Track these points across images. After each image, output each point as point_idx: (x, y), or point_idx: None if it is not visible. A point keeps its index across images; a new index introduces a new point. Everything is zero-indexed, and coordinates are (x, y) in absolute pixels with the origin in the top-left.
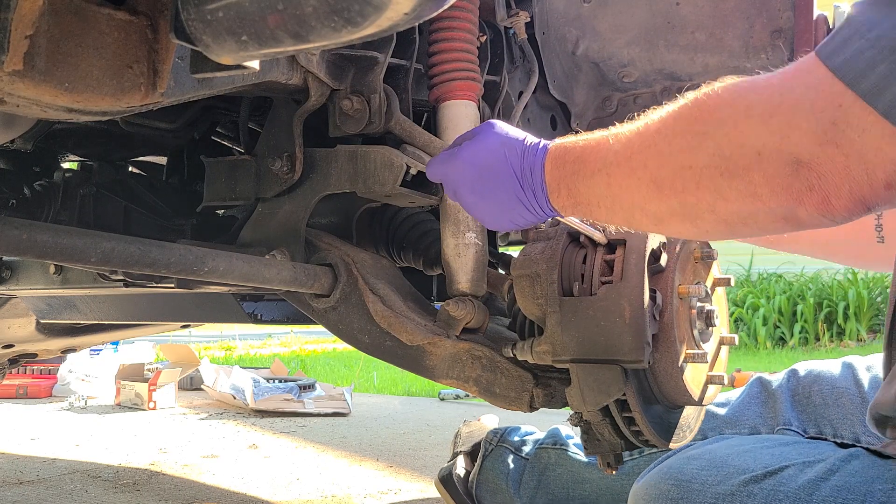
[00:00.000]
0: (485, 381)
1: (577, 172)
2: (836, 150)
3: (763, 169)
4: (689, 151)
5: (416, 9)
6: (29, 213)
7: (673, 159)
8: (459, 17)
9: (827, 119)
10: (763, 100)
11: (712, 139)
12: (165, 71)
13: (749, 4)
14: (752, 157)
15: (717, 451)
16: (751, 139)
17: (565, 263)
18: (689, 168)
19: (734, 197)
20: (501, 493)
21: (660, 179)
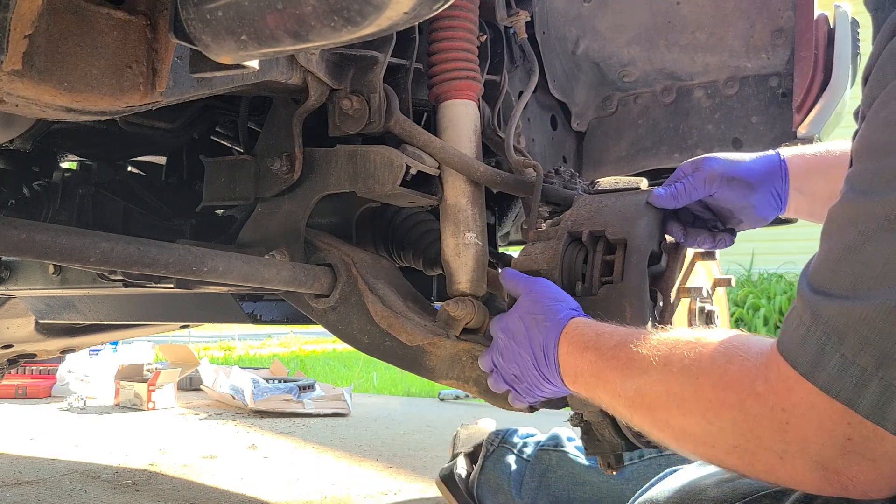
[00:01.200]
0: (485, 381)
1: (595, 381)
2: (860, 458)
3: (789, 471)
4: (708, 436)
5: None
6: (28, 212)
7: (694, 435)
8: (459, 17)
9: (840, 435)
10: (768, 412)
11: (731, 435)
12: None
13: (749, 4)
14: (776, 460)
15: (695, 482)
16: (770, 444)
17: (566, 263)
18: (713, 447)
19: (768, 480)
20: (503, 493)
21: (684, 442)
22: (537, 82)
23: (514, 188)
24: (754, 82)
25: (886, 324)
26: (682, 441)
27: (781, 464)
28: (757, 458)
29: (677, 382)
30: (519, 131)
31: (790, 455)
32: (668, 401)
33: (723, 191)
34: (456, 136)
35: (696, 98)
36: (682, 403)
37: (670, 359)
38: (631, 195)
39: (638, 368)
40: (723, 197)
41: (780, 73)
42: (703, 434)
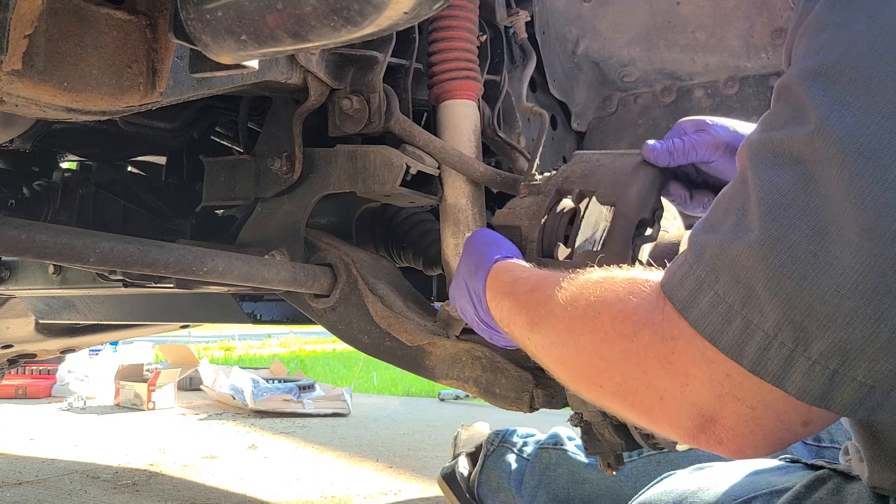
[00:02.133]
0: (485, 381)
1: (510, 319)
2: (738, 403)
3: (667, 415)
4: (598, 373)
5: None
6: (28, 212)
7: (585, 373)
8: (459, 17)
9: (721, 371)
10: (658, 339)
11: (617, 371)
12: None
13: (749, 4)
14: (656, 400)
15: (688, 486)
16: (653, 380)
17: (549, 223)
18: (600, 387)
19: (642, 423)
20: (503, 492)
21: (577, 380)
22: (538, 82)
23: (515, 188)
24: (754, 82)
25: (756, 261)
26: (577, 381)
27: (661, 405)
28: (639, 397)
29: (580, 320)
30: (519, 131)
31: (670, 395)
32: (568, 339)
33: (724, 161)
34: (456, 136)
35: (697, 98)
36: (580, 339)
37: (577, 298)
38: (630, 157)
39: (547, 310)
40: (722, 168)
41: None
42: (594, 372)
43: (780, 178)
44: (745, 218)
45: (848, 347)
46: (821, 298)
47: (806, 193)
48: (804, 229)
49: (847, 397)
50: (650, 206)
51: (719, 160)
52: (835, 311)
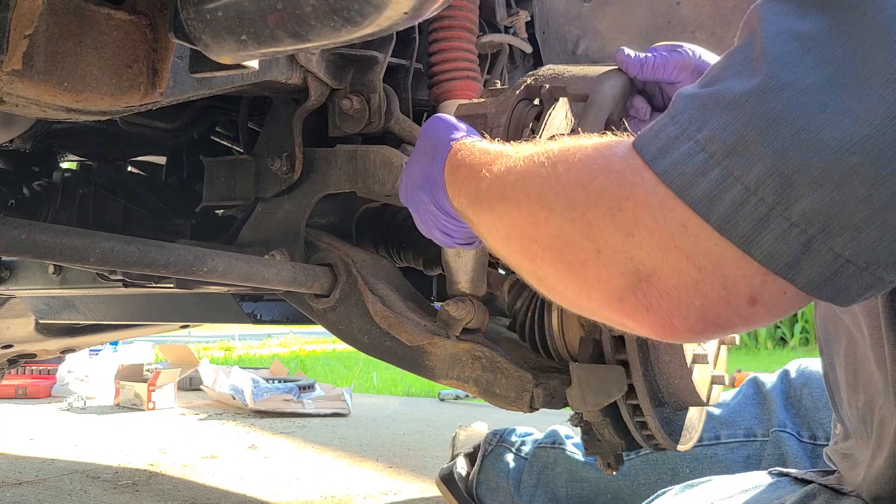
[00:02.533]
0: (485, 381)
1: (459, 181)
2: (685, 261)
3: (598, 271)
4: (535, 225)
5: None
6: (28, 212)
7: (521, 226)
8: (459, 17)
9: (677, 220)
10: (615, 188)
11: (557, 220)
12: (165, 70)
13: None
14: (591, 252)
15: (684, 501)
16: (594, 231)
17: (516, 112)
18: (535, 241)
19: (570, 288)
20: (501, 491)
21: (510, 238)
22: None
23: None
24: None
25: (753, 105)
26: (510, 238)
27: (595, 259)
28: (573, 249)
29: (533, 172)
30: None
31: (609, 248)
32: (513, 191)
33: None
34: None
35: None
36: (525, 190)
37: (536, 155)
38: (599, 67)
39: (501, 166)
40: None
41: None
42: (530, 222)
43: (801, 26)
44: (747, 68)
45: (834, 210)
46: (819, 151)
47: (829, 42)
48: (818, 77)
49: (817, 270)
50: (620, 107)
51: (686, 82)
52: (833, 166)
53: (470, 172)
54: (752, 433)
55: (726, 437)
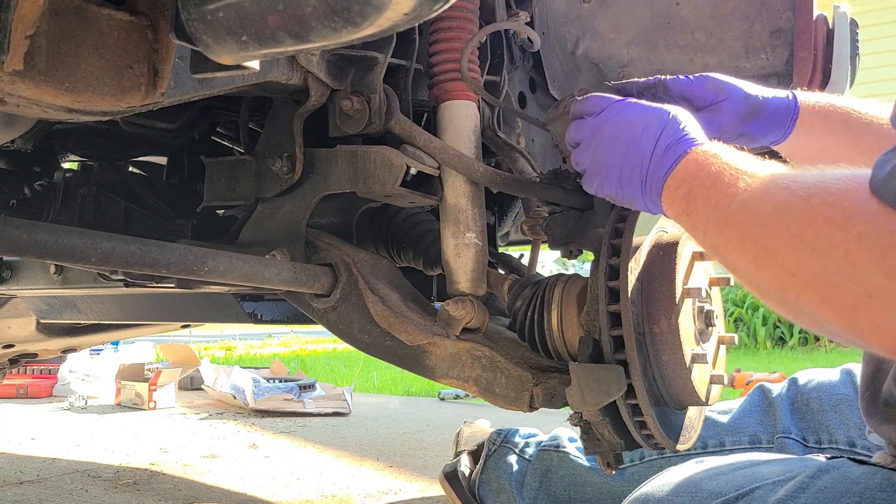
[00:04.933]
0: (485, 380)
1: (704, 190)
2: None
3: (872, 315)
4: (796, 258)
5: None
6: (29, 213)
7: (779, 256)
8: (459, 17)
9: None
10: (874, 233)
11: (820, 259)
12: (166, 71)
13: (749, 4)
14: (862, 297)
15: (691, 475)
16: (861, 275)
17: None
18: (792, 275)
19: (836, 327)
20: (504, 493)
21: (761, 265)
22: (538, 83)
23: (514, 188)
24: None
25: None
26: (761, 264)
27: (867, 303)
28: (840, 292)
29: (790, 204)
30: (519, 132)
31: (882, 293)
32: (771, 220)
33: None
34: (456, 136)
35: None
36: (782, 218)
37: (791, 183)
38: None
39: (753, 187)
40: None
41: (779, 74)
42: (789, 257)
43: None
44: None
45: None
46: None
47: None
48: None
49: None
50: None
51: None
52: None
53: (720, 174)
54: (758, 440)
55: (731, 443)
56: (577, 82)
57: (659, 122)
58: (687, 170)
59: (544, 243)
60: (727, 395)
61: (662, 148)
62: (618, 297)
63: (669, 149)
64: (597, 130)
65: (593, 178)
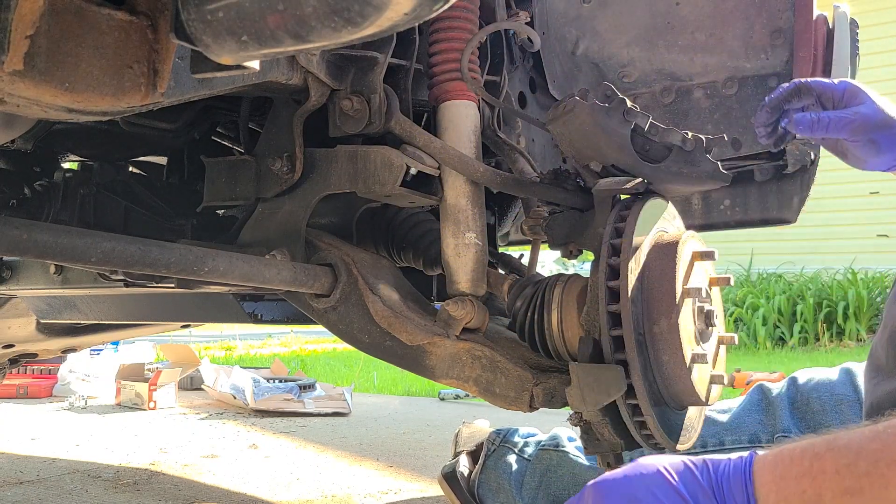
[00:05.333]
0: (484, 380)
1: (818, 476)
2: None
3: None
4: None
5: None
6: (29, 213)
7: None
8: (459, 17)
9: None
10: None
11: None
12: (166, 71)
13: (749, 5)
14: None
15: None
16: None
17: None
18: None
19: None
20: (503, 492)
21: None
22: (538, 83)
23: (514, 188)
24: (753, 83)
25: None
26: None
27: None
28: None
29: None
30: (519, 132)
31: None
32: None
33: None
34: (456, 136)
35: (696, 98)
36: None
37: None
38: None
39: (856, 447)
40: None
41: (779, 74)
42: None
43: None
44: None
45: None
46: None
47: None
48: None
49: None
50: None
51: (850, 139)
52: None
53: (825, 452)
54: (757, 439)
55: (731, 442)
56: (577, 82)
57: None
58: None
59: (544, 243)
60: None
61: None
62: (618, 297)
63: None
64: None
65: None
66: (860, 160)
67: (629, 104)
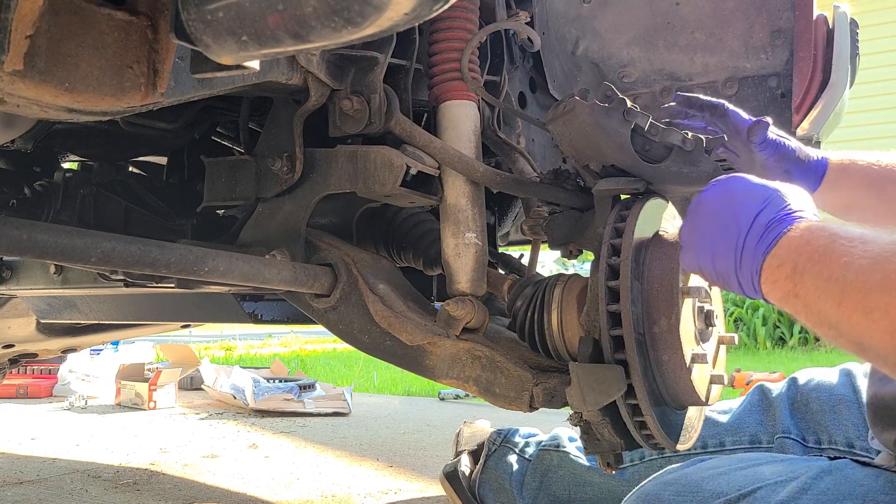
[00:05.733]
0: (484, 380)
1: (813, 264)
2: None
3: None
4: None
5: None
6: (29, 213)
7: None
8: (459, 17)
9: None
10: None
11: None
12: (166, 71)
13: (749, 4)
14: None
15: (693, 475)
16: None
17: None
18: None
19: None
20: (504, 492)
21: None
22: (538, 83)
23: (514, 188)
24: (753, 83)
25: None
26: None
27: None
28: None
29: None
30: (519, 132)
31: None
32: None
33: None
34: (456, 136)
35: None
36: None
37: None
38: None
39: (874, 249)
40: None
41: (779, 74)
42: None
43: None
44: None
45: None
46: None
47: None
48: None
49: None
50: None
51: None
52: None
53: (830, 245)
54: (758, 440)
55: (731, 443)
56: (577, 82)
57: (762, 197)
58: (790, 246)
59: (544, 243)
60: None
61: (762, 224)
62: (618, 297)
63: (771, 225)
64: (699, 204)
65: (685, 254)
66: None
67: (629, 104)
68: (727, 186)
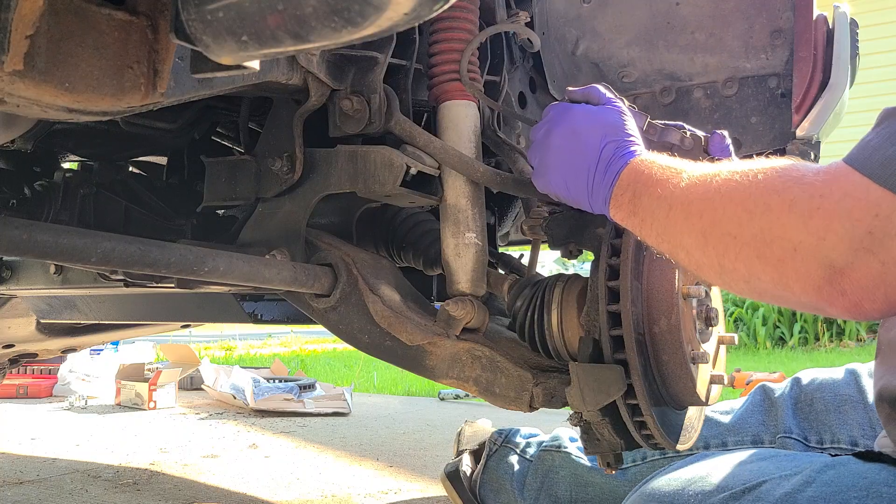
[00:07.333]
0: (484, 380)
1: (648, 188)
2: (871, 258)
3: (796, 266)
4: (737, 223)
5: (416, 9)
6: (29, 213)
7: (723, 223)
8: (459, 18)
9: (863, 228)
10: (805, 198)
11: (757, 222)
12: (166, 71)
13: (749, 5)
14: (788, 251)
15: (697, 469)
16: (789, 233)
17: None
18: (734, 238)
19: (766, 280)
20: (505, 493)
21: (707, 234)
22: (538, 83)
23: (514, 188)
24: (753, 83)
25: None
26: (708, 234)
27: (793, 256)
28: (772, 248)
29: (736, 180)
30: (519, 132)
31: (804, 248)
32: (717, 195)
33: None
34: (456, 136)
35: (696, 99)
36: (729, 195)
37: (736, 168)
38: None
39: (696, 175)
40: None
41: (779, 74)
42: (732, 223)
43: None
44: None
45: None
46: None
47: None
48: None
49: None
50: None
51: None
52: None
53: (661, 173)
54: (760, 440)
55: (733, 443)
56: (577, 82)
57: (602, 131)
58: (629, 176)
59: (544, 243)
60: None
61: (605, 162)
62: (618, 297)
63: (612, 163)
64: (548, 136)
65: (538, 179)
66: None
67: (628, 104)
68: (571, 119)
